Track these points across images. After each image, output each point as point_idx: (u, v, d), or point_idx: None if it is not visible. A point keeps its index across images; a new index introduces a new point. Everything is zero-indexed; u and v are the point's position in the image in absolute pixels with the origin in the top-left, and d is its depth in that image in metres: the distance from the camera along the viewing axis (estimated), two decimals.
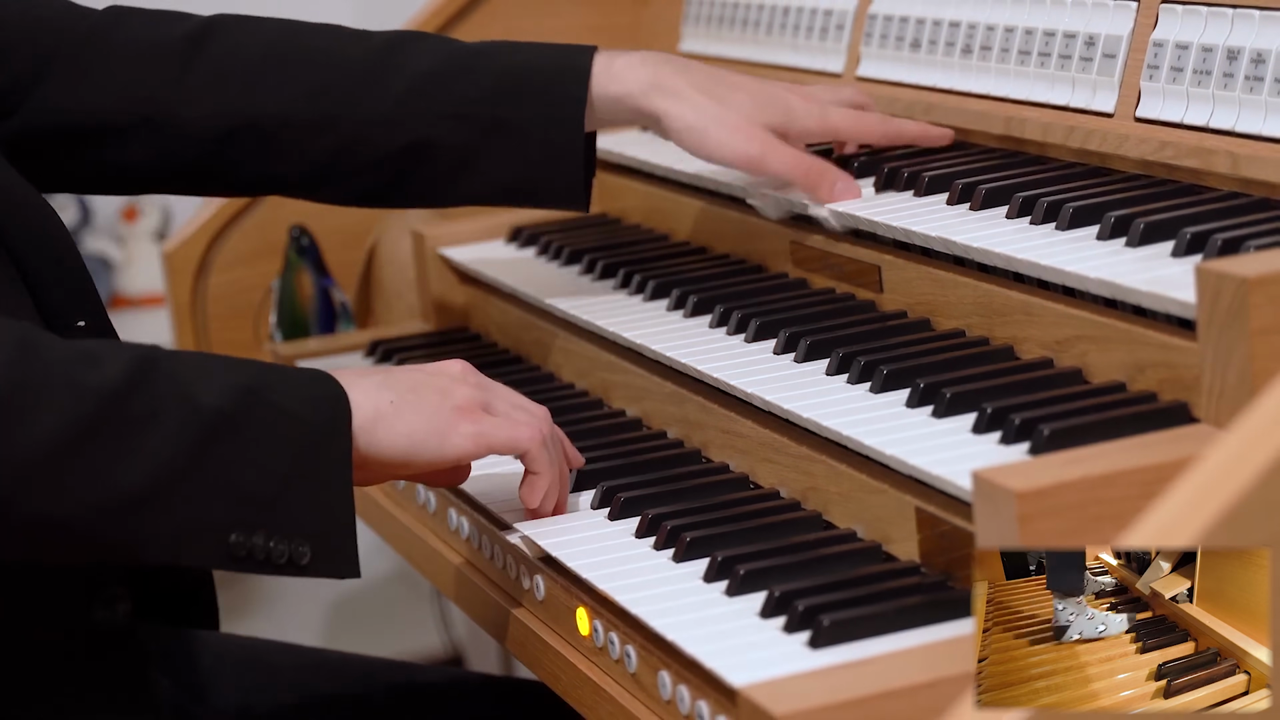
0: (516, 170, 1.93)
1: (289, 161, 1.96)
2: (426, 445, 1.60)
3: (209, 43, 1.95)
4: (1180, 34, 1.76)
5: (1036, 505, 1.34)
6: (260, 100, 1.94)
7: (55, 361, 1.45)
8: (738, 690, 1.38)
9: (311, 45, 1.97)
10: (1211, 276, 1.41)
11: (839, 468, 1.65)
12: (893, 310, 1.86)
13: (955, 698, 1.32)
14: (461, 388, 1.65)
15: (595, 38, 2.63)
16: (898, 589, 1.49)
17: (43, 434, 1.43)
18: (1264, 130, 1.67)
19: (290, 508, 1.51)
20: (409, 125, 1.92)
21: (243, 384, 1.51)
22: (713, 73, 1.94)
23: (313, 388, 1.55)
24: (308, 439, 1.52)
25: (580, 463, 1.78)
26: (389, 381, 1.61)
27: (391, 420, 1.58)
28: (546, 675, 1.70)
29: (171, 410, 1.47)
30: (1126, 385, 1.56)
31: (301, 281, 2.53)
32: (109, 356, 1.47)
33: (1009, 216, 1.77)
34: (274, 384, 1.53)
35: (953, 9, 2.05)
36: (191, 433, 1.48)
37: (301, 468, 1.52)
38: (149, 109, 1.94)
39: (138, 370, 1.47)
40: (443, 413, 1.62)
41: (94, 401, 1.45)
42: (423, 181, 1.96)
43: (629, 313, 2.01)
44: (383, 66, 1.94)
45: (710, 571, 1.58)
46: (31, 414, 1.43)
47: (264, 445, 1.50)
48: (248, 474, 1.50)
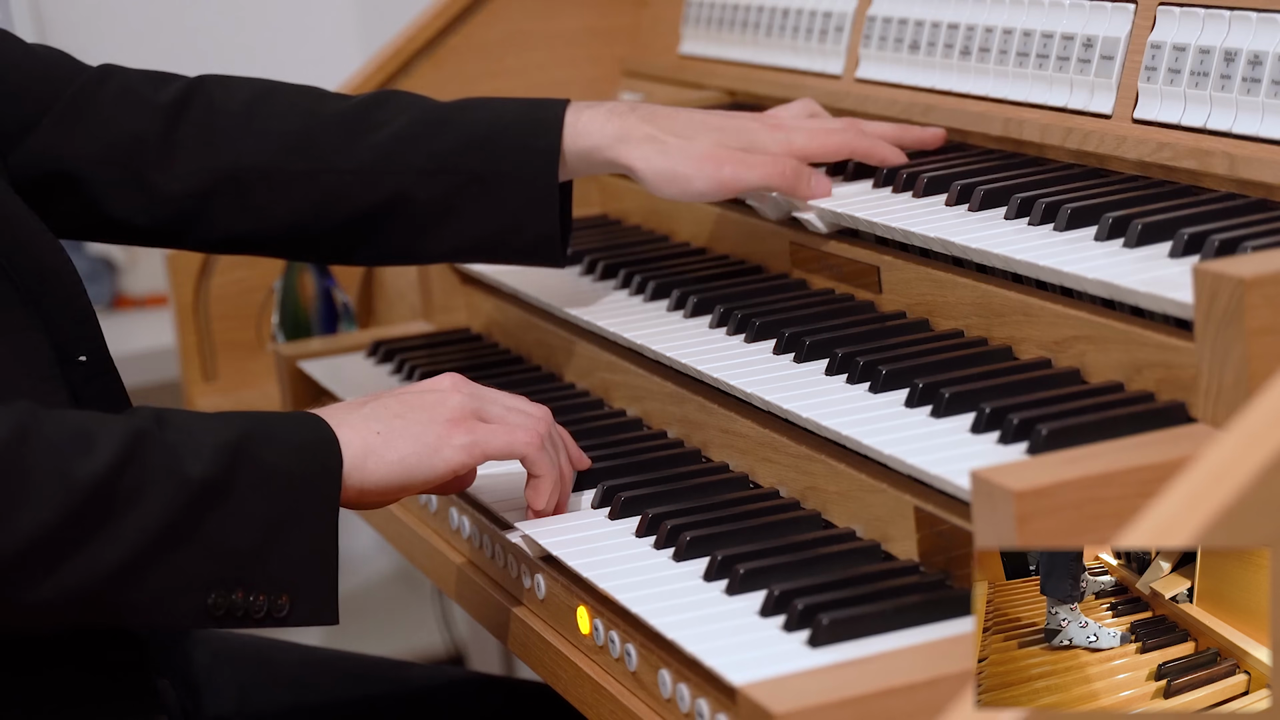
0: (491, 223, 1.95)
1: (267, 216, 1.97)
2: (419, 466, 1.62)
3: (193, 101, 1.98)
4: (1178, 36, 1.76)
5: (1035, 504, 1.35)
6: (239, 155, 1.96)
7: (49, 449, 1.47)
8: (737, 688, 1.38)
9: (290, 103, 1.99)
10: (1209, 277, 1.41)
11: (838, 467, 1.66)
12: (892, 311, 1.86)
13: (954, 696, 1.33)
14: (452, 398, 1.66)
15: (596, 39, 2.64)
16: (896, 588, 1.50)
17: (29, 527, 1.46)
18: (1261, 131, 1.67)
19: (271, 563, 1.54)
20: (386, 180, 1.94)
21: (231, 444, 1.52)
22: (677, 114, 1.96)
23: (301, 434, 1.57)
24: (293, 493, 1.55)
25: (586, 464, 1.79)
26: (375, 411, 1.63)
27: (381, 451, 1.60)
28: (547, 673, 1.71)
29: (160, 484, 1.50)
30: (1124, 385, 1.57)
31: (303, 282, 2.53)
32: (103, 438, 1.49)
33: (1007, 217, 1.77)
34: (263, 439, 1.55)
35: (951, 11, 2.06)
36: (179, 504, 1.50)
37: (285, 522, 1.54)
38: (134, 163, 1.96)
39: (128, 449, 1.49)
40: (432, 429, 1.63)
41: (83, 492, 1.47)
42: (399, 235, 1.97)
43: (630, 313, 2.02)
44: (359, 123, 1.96)
45: (710, 570, 1.59)
46: (20, 507, 1.45)
47: (249, 505, 1.53)
48: (231, 536, 1.52)
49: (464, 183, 1.93)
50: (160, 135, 1.96)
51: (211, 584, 1.52)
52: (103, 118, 1.96)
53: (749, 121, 1.96)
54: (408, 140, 1.95)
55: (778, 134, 1.95)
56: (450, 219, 1.95)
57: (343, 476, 1.57)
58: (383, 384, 2.22)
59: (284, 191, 1.96)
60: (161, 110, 1.97)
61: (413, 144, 1.94)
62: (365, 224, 1.96)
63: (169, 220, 1.98)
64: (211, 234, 1.99)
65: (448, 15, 2.61)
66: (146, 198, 1.96)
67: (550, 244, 1.95)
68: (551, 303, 2.11)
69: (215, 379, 2.63)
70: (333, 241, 1.99)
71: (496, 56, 2.61)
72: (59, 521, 1.47)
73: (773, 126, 1.96)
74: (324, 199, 1.95)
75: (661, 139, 1.92)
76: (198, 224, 1.97)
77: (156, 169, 1.96)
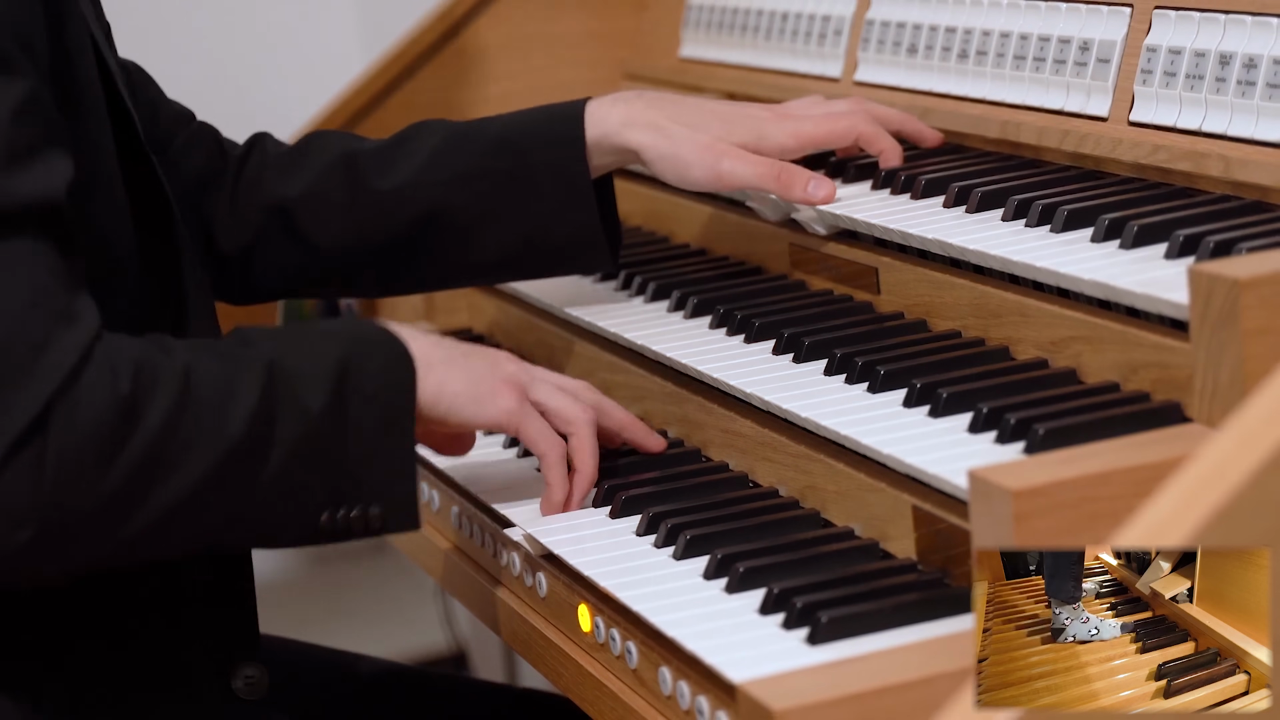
0: (531, 220, 1.97)
1: (313, 244, 2.01)
2: (463, 409, 1.69)
3: (250, 156, 2.05)
4: (1173, 39, 1.77)
5: (1032, 503, 1.35)
6: (285, 188, 2.01)
7: (207, 399, 1.54)
8: (737, 686, 1.39)
9: (330, 141, 2.04)
10: (1204, 278, 1.42)
11: (837, 466, 1.67)
12: (890, 311, 1.87)
13: (951, 693, 1.33)
14: (508, 365, 1.73)
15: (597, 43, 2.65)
16: (895, 586, 1.51)
17: (191, 479, 1.53)
18: (1256, 134, 1.68)
19: (373, 479, 1.60)
20: (422, 194, 1.98)
21: (338, 372, 1.60)
22: (684, 101, 1.98)
23: (386, 352, 1.64)
24: (388, 414, 1.61)
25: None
26: (443, 344, 1.69)
27: (440, 374, 1.67)
28: (548, 671, 1.71)
29: (290, 423, 1.57)
30: (1120, 385, 1.57)
31: None
32: (242, 382, 1.56)
33: (1004, 219, 1.78)
34: (362, 362, 1.61)
35: (949, 14, 2.06)
36: (304, 436, 1.58)
37: (382, 441, 1.61)
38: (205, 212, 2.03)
39: (263, 392, 1.56)
40: (486, 381, 1.70)
41: (231, 442, 1.54)
42: (443, 249, 2.00)
43: (630, 314, 2.03)
44: (394, 150, 2.01)
45: (710, 569, 1.60)
46: (182, 463, 1.53)
47: (356, 429, 1.60)
48: (343, 459, 1.59)
49: (498, 184, 1.96)
50: (228, 192, 2.03)
51: (325, 503, 1.60)
52: (197, 168, 2.04)
53: (758, 111, 1.98)
54: (438, 155, 1.98)
55: (786, 123, 1.96)
56: (490, 223, 1.97)
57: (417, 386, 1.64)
58: None
59: (326, 217, 2.00)
60: (232, 164, 2.05)
61: (443, 158, 1.98)
62: (410, 242, 1.99)
63: (232, 277, 2.04)
64: (266, 274, 2.04)
65: (449, 19, 2.62)
66: (214, 258, 2.03)
67: (593, 239, 1.97)
68: (553, 303, 2.12)
69: None
70: (380, 265, 2.02)
71: (498, 60, 2.62)
72: (217, 470, 1.54)
73: (781, 116, 1.97)
74: (366, 222, 1.99)
75: (666, 125, 1.95)
76: (253, 267, 2.03)
77: (221, 227, 2.03)
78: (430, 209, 1.97)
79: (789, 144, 1.96)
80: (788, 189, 1.93)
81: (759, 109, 1.99)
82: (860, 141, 1.99)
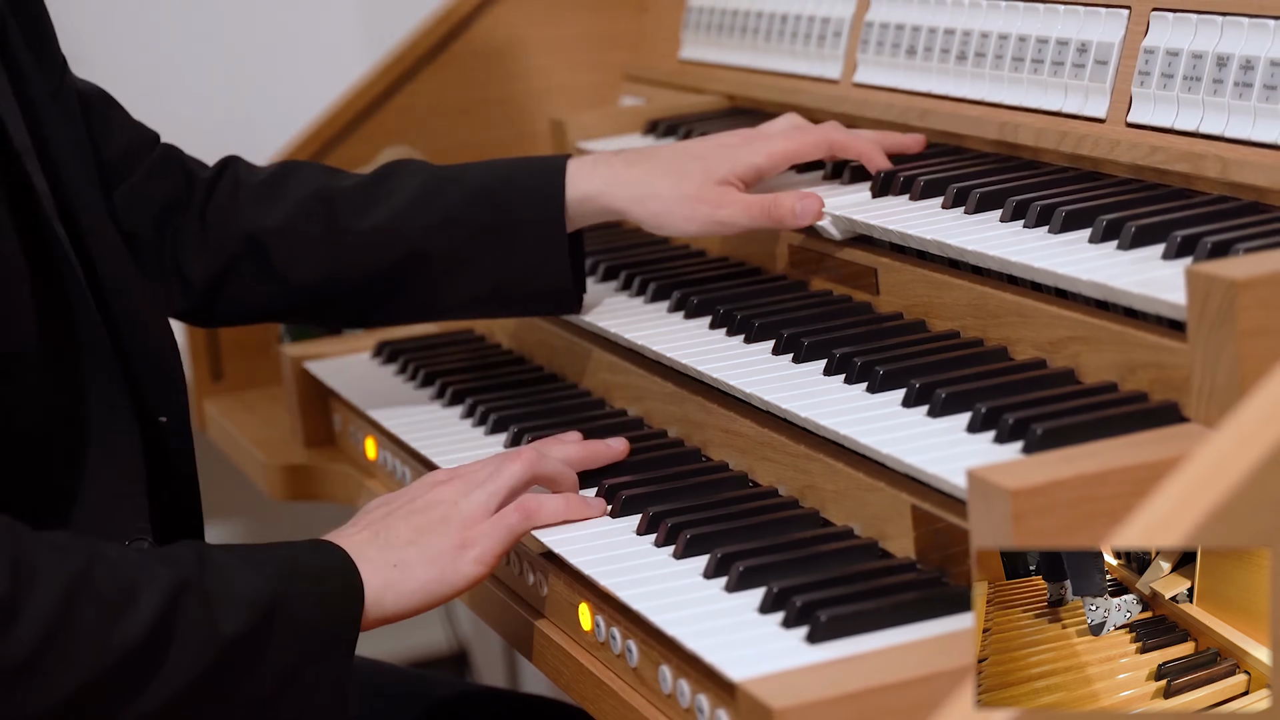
0: (504, 270, 1.98)
1: (285, 278, 2.01)
2: (439, 590, 1.65)
3: (222, 178, 2.04)
4: (1171, 41, 1.78)
5: (1030, 503, 1.36)
6: (258, 219, 2.01)
7: (98, 607, 1.48)
8: (737, 684, 1.40)
9: (308, 176, 2.04)
10: (1201, 279, 1.42)
11: (836, 466, 1.67)
12: (889, 312, 1.88)
13: (950, 691, 1.34)
14: (456, 507, 1.68)
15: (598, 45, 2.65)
16: (894, 585, 1.51)
17: (69, 686, 1.46)
18: (1253, 135, 1.68)
19: (290, 707, 1.55)
20: (401, 238, 1.98)
21: (265, 598, 1.54)
22: (659, 153, 2.00)
23: (328, 583, 1.59)
24: (319, 643, 1.57)
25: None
26: (389, 541, 1.65)
27: (399, 583, 1.63)
28: (549, 669, 1.72)
29: (193, 644, 1.51)
30: (1118, 385, 1.58)
31: None
32: (145, 595, 1.49)
33: (1003, 220, 1.79)
34: (294, 586, 1.56)
35: (947, 16, 2.07)
36: (210, 662, 1.51)
37: (309, 670, 1.56)
38: (173, 239, 2.01)
39: (169, 607, 1.50)
40: (446, 553, 1.65)
41: (121, 653, 1.48)
42: (416, 292, 2.00)
43: (631, 314, 2.04)
44: (372, 190, 2.01)
45: (710, 568, 1.60)
46: (65, 668, 1.46)
47: (277, 658, 1.54)
48: (257, 687, 1.54)
49: (475, 233, 1.97)
50: (196, 215, 2.02)
51: None
52: (163, 191, 2.02)
53: (729, 139, 2.00)
54: (418, 199, 1.99)
55: (757, 144, 1.99)
56: (464, 271, 1.98)
57: (363, 614, 1.60)
58: (388, 384, 2.24)
59: (301, 252, 2.00)
60: (201, 187, 2.04)
61: (424, 202, 1.98)
62: (382, 283, 2.00)
63: (199, 301, 2.03)
64: (236, 302, 2.03)
65: (451, 21, 2.63)
66: (181, 281, 2.02)
67: (563, 288, 1.98)
68: None
69: (223, 379, 2.65)
70: (350, 302, 2.03)
71: (499, 62, 2.63)
72: (95, 682, 1.47)
73: (751, 139, 2.00)
74: (341, 260, 2.00)
75: (651, 181, 1.96)
76: (223, 294, 2.02)
77: (189, 250, 2.01)
78: (407, 252, 1.98)
79: (763, 164, 1.98)
80: (779, 220, 1.95)
81: (729, 137, 2.01)
82: (835, 149, 2.01)
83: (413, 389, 2.20)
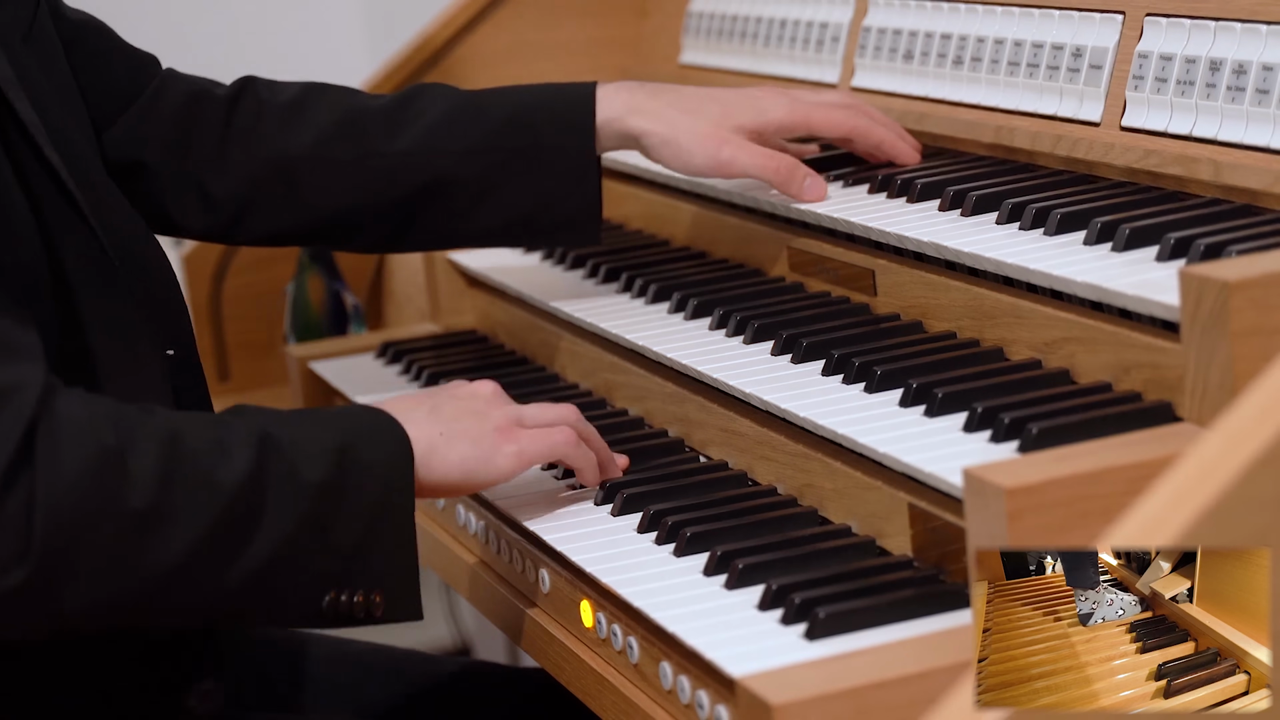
0: (533, 197, 1.99)
1: (314, 204, 2.01)
2: (477, 471, 1.67)
3: (243, 99, 2.03)
4: (1164, 45, 1.79)
5: (1025, 501, 1.37)
6: (287, 145, 2.01)
7: (196, 457, 1.51)
8: (736, 680, 1.41)
9: (334, 99, 2.04)
10: (1194, 280, 1.43)
11: (834, 465, 1.68)
12: (886, 313, 1.88)
13: (947, 687, 1.34)
14: (496, 409, 1.71)
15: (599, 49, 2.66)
16: (891, 582, 1.52)
17: (186, 539, 1.50)
18: (1245, 139, 1.69)
19: (374, 559, 1.58)
20: (430, 163, 1.99)
21: (335, 446, 1.57)
22: (685, 90, 2.01)
23: (384, 434, 1.62)
24: (387, 494, 1.60)
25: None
26: (436, 413, 1.67)
27: (444, 451, 1.65)
28: (551, 666, 1.73)
29: (285, 493, 1.54)
30: (1112, 385, 1.59)
31: (314, 285, 2.56)
32: (235, 444, 1.53)
33: (999, 222, 1.80)
34: (358, 441, 1.59)
35: (944, 22, 2.08)
36: (302, 509, 1.55)
37: (382, 519, 1.59)
38: (191, 160, 2.01)
39: (257, 457, 1.53)
40: (486, 437, 1.68)
41: (225, 500, 1.51)
42: (444, 216, 2.01)
43: (631, 315, 2.04)
44: (400, 113, 2.01)
45: (710, 565, 1.61)
46: (178, 519, 1.49)
47: (355, 507, 1.57)
48: (343, 536, 1.57)
49: (505, 159, 1.98)
50: (216, 133, 2.01)
51: (328, 583, 1.57)
52: (172, 111, 2.01)
53: (757, 90, 2.01)
54: (447, 124, 1.99)
55: (783, 98, 2.00)
56: (493, 196, 1.99)
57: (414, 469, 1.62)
58: (392, 384, 2.25)
59: (331, 178, 2.00)
60: (220, 105, 2.02)
61: (453, 127, 1.99)
62: (410, 207, 2.00)
63: (222, 221, 2.02)
64: (260, 226, 2.03)
65: (454, 26, 2.63)
66: (201, 200, 2.01)
67: (590, 215, 1.99)
68: (555, 305, 2.13)
69: (229, 379, 2.66)
70: (378, 227, 2.03)
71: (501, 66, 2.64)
72: (211, 528, 1.50)
73: (780, 92, 2.01)
74: (370, 184, 2.00)
75: (667, 112, 1.97)
76: (247, 218, 2.02)
77: (211, 169, 2.00)
78: (436, 177, 1.99)
79: (785, 117, 1.99)
80: (785, 182, 1.96)
81: (759, 89, 2.02)
82: (856, 135, 2.01)
83: (416, 389, 2.21)
